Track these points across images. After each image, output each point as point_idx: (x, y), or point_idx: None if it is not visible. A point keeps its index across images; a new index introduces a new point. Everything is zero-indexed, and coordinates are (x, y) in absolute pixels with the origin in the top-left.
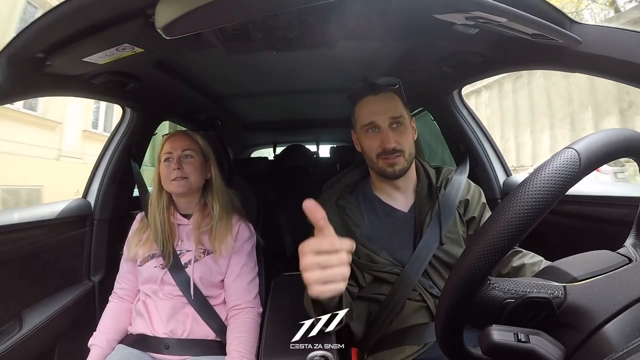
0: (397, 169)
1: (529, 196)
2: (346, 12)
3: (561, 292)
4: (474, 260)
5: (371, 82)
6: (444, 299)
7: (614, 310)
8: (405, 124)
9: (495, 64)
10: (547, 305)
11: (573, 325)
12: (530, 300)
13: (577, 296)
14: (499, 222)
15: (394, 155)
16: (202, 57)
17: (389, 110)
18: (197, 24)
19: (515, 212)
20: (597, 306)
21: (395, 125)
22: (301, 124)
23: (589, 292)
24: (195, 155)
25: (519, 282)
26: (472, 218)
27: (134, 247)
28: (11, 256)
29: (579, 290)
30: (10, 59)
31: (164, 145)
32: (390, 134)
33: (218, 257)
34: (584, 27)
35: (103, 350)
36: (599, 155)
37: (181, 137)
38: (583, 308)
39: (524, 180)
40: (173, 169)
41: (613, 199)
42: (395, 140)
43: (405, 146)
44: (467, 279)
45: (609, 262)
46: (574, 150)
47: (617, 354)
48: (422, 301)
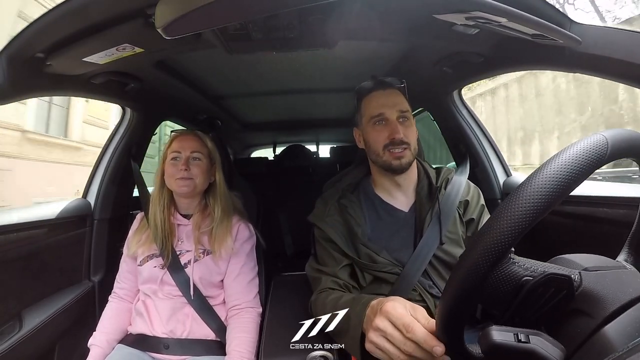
0: (404, 162)
1: (555, 170)
2: (346, 12)
3: (577, 277)
4: (499, 233)
5: (380, 79)
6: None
7: (625, 300)
8: (411, 119)
9: (496, 64)
10: (568, 283)
11: (586, 312)
12: (550, 277)
13: (592, 282)
14: (527, 190)
15: (401, 147)
16: (202, 57)
17: (397, 104)
18: (197, 24)
19: (542, 183)
20: (610, 294)
21: (402, 119)
22: (301, 124)
23: (602, 281)
24: (203, 158)
25: (538, 263)
26: (471, 219)
27: (134, 246)
28: (11, 256)
29: (593, 277)
30: (10, 58)
31: (172, 143)
32: (399, 127)
33: (218, 258)
34: (584, 27)
35: (103, 350)
36: (623, 146)
37: (191, 138)
38: (598, 294)
39: (551, 157)
40: (180, 169)
41: (613, 200)
42: (403, 133)
43: (412, 140)
44: (491, 249)
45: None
46: (604, 136)
47: (618, 354)
48: (422, 301)
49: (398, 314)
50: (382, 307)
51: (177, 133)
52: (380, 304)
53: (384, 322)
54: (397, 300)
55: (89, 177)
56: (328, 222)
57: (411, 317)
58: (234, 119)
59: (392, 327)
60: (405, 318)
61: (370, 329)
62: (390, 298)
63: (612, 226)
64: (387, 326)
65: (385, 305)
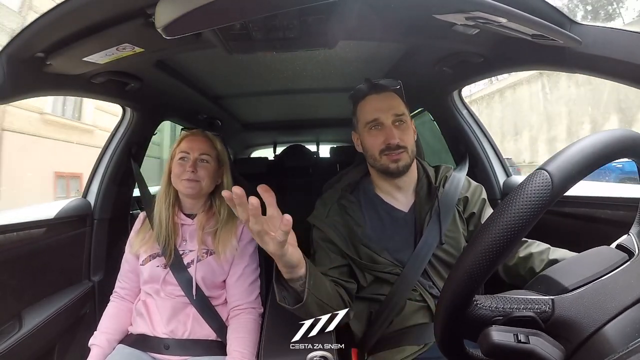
0: (401, 165)
1: (502, 225)
2: (346, 12)
3: (549, 307)
4: (456, 286)
5: (374, 82)
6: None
7: (603, 320)
8: (407, 122)
9: (495, 64)
10: (532, 322)
11: (563, 336)
12: (514, 319)
13: (565, 308)
14: (474, 251)
15: (398, 151)
16: (202, 57)
17: (392, 107)
18: (197, 24)
19: (489, 241)
20: (585, 318)
21: (398, 123)
22: (301, 124)
23: (577, 303)
24: (211, 160)
25: (505, 299)
26: (472, 214)
27: (136, 246)
28: (11, 256)
29: (567, 301)
30: (10, 58)
31: (182, 143)
32: (394, 131)
33: (222, 259)
34: (584, 27)
35: (103, 350)
36: (573, 173)
37: (201, 140)
38: (570, 320)
39: (498, 207)
40: (187, 170)
41: (613, 200)
42: (399, 137)
43: (408, 143)
44: (453, 303)
45: (606, 262)
46: (546, 171)
47: (617, 355)
48: (423, 301)
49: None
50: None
51: (187, 132)
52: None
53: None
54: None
55: (89, 177)
56: (328, 223)
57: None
58: (234, 119)
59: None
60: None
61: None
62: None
63: (612, 226)
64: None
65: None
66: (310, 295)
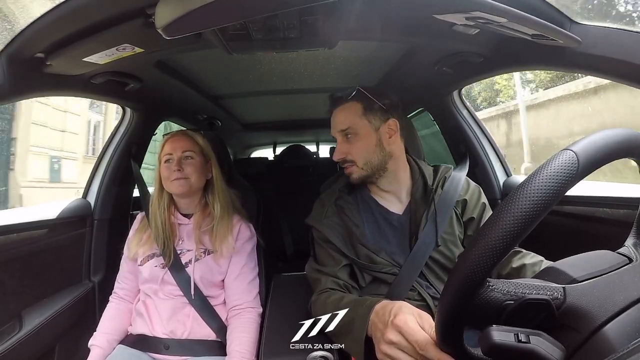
0: (354, 177)
1: (526, 199)
2: (346, 12)
3: (560, 294)
4: (473, 263)
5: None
6: (443, 300)
7: (613, 311)
8: (359, 133)
9: (496, 64)
10: (546, 306)
11: (572, 327)
12: (528, 301)
13: (576, 297)
14: (497, 226)
15: (345, 165)
16: (202, 57)
17: (338, 124)
18: (197, 24)
19: (513, 216)
20: (596, 307)
21: (348, 136)
22: (301, 124)
23: (588, 293)
24: (195, 156)
25: (518, 284)
26: (471, 219)
27: (135, 246)
28: (11, 256)
29: (578, 291)
30: (10, 58)
31: (164, 146)
32: (340, 146)
33: (219, 257)
34: (584, 27)
35: (103, 350)
36: (597, 157)
37: (181, 138)
38: (582, 309)
39: (522, 182)
40: (173, 170)
41: (613, 200)
42: (344, 152)
43: (357, 156)
44: (466, 281)
45: (609, 262)
46: (572, 151)
47: (618, 355)
48: (422, 300)
49: (410, 329)
50: (393, 320)
51: (168, 135)
52: (387, 313)
53: (398, 336)
54: (406, 312)
55: (89, 177)
56: (326, 224)
57: (423, 333)
58: (234, 119)
59: (405, 342)
60: (418, 335)
61: (382, 342)
62: (397, 306)
63: (612, 226)
64: (401, 340)
65: (396, 319)
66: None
